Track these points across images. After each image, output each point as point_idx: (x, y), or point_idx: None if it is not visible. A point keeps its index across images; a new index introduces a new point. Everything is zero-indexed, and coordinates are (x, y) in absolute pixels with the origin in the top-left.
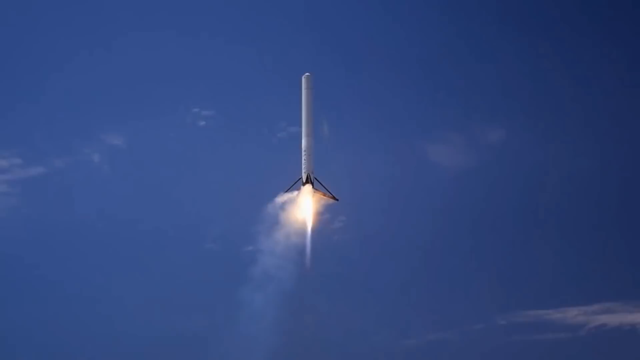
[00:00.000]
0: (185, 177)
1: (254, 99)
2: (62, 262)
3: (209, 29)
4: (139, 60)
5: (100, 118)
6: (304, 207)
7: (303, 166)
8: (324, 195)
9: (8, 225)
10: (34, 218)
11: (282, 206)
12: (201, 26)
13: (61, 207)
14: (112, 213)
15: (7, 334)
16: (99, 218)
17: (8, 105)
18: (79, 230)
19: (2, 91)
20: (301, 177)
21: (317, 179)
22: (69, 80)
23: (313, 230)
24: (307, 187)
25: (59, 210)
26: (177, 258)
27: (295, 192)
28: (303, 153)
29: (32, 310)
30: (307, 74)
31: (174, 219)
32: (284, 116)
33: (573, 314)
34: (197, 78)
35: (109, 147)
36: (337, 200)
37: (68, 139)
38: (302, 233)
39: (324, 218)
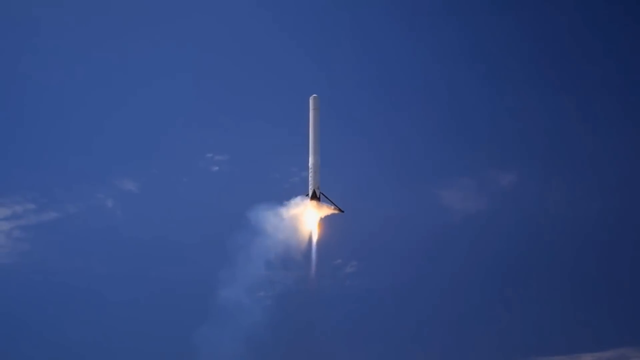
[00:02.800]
0: (198, 221)
1: (267, 144)
2: (74, 308)
3: (222, 76)
4: (152, 105)
5: (114, 163)
6: (310, 219)
7: (310, 182)
8: (330, 207)
9: (21, 270)
10: (47, 263)
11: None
12: (215, 72)
13: (74, 252)
14: (125, 258)
15: None
16: (112, 263)
17: (22, 151)
18: (92, 276)
19: (16, 137)
20: (308, 193)
21: (324, 193)
22: (82, 125)
23: (322, 276)
24: (313, 202)
25: (72, 256)
26: (188, 305)
27: (302, 205)
28: (310, 170)
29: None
30: (314, 95)
31: (186, 265)
32: (295, 162)
33: None
34: (211, 123)
35: (122, 193)
36: (343, 212)
37: (81, 185)
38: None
39: (336, 263)
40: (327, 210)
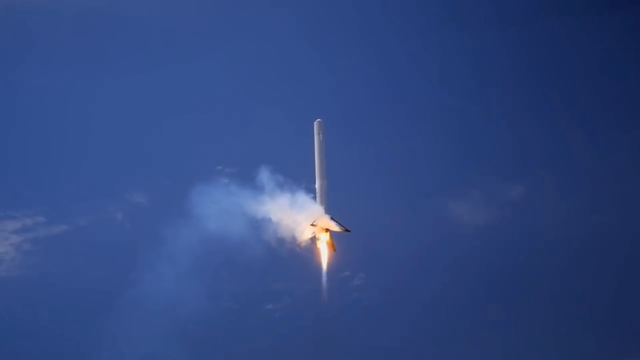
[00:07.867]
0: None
1: (277, 157)
2: (83, 322)
3: (232, 89)
4: (162, 118)
5: (124, 176)
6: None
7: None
8: (337, 227)
9: (31, 283)
10: (57, 276)
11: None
12: (225, 85)
13: (84, 265)
14: (134, 271)
15: None
16: (122, 276)
17: (32, 164)
18: (102, 288)
19: (26, 151)
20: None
21: (332, 217)
22: (91, 138)
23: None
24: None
25: (82, 269)
26: (197, 317)
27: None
28: (317, 192)
29: None
30: (318, 119)
31: (195, 276)
32: (304, 175)
33: None
34: (220, 135)
35: (132, 205)
36: (349, 231)
37: (91, 197)
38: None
39: (344, 275)
40: (333, 228)
